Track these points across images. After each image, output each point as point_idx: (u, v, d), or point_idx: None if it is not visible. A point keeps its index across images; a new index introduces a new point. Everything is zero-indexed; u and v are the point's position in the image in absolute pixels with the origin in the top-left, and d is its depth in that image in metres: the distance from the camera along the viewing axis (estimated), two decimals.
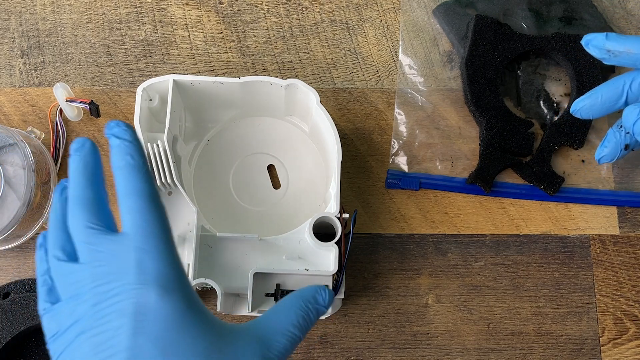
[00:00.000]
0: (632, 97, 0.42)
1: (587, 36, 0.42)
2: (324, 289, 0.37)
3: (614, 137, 0.43)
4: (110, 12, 0.56)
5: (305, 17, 0.56)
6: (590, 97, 0.43)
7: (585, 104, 0.43)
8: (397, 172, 0.53)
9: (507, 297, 0.51)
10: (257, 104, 0.50)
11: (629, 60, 0.41)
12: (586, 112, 0.43)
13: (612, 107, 0.42)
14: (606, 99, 0.42)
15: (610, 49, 0.41)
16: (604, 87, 0.42)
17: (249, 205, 0.51)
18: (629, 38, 0.41)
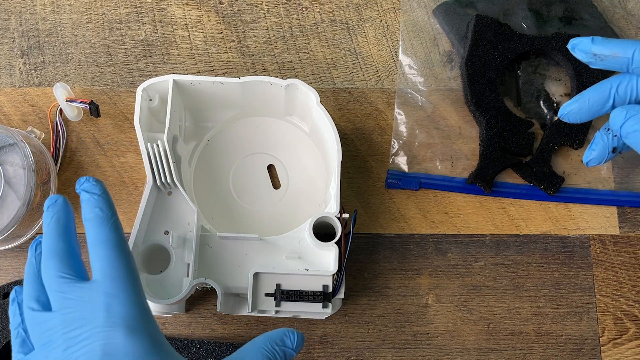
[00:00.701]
0: (619, 100, 0.42)
1: (573, 40, 0.42)
2: (293, 332, 0.38)
3: (601, 140, 0.43)
4: (110, 12, 0.56)
5: (305, 17, 0.56)
6: (577, 101, 0.42)
7: (573, 108, 0.43)
8: (397, 172, 0.53)
9: (507, 297, 0.51)
10: (257, 104, 0.50)
11: (615, 64, 0.41)
12: (574, 117, 0.43)
13: (599, 110, 0.42)
14: (593, 103, 0.42)
15: (596, 53, 0.41)
16: (591, 91, 0.42)
17: (249, 205, 0.51)
18: (615, 41, 0.41)
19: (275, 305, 0.44)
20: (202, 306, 0.50)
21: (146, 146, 0.45)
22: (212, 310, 0.50)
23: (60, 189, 0.52)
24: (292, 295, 0.44)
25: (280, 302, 0.44)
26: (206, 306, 0.50)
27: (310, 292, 0.44)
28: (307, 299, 0.44)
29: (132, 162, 0.53)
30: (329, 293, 0.44)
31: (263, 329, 0.50)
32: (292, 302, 0.44)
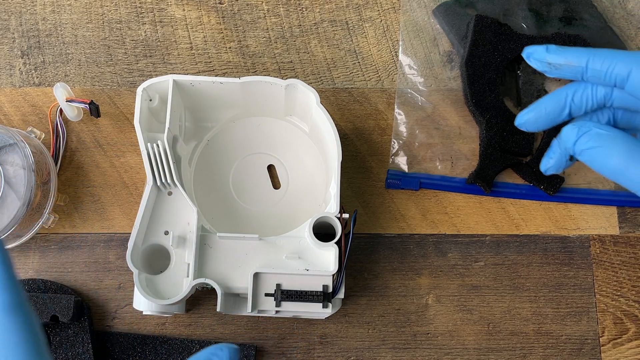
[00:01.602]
0: (575, 109, 0.41)
1: (527, 49, 0.41)
2: (222, 348, 0.35)
3: (558, 149, 0.42)
4: (110, 12, 0.56)
5: (305, 17, 0.56)
6: (534, 110, 0.42)
7: (530, 117, 0.42)
8: (397, 172, 0.53)
9: (507, 297, 0.51)
10: (257, 104, 0.50)
11: (570, 73, 0.41)
12: (531, 126, 0.42)
13: (555, 119, 0.42)
14: (550, 112, 0.42)
15: (550, 62, 0.41)
16: (547, 100, 0.42)
17: (249, 205, 0.51)
18: (569, 50, 0.40)
19: (275, 305, 0.44)
20: (202, 306, 0.50)
21: (146, 146, 0.45)
22: (212, 310, 0.50)
23: (61, 189, 0.52)
24: (292, 295, 0.44)
25: (280, 302, 0.44)
26: (206, 306, 0.50)
27: (310, 292, 0.44)
28: (307, 299, 0.44)
29: (132, 162, 0.53)
30: (329, 293, 0.44)
31: (263, 329, 0.50)
32: (292, 302, 0.44)
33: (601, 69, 0.39)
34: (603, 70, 0.39)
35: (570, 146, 0.40)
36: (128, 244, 0.44)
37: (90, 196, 0.52)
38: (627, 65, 0.39)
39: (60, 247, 0.51)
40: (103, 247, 0.51)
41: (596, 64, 0.40)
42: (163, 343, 0.49)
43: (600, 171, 0.39)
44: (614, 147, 0.38)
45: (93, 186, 0.52)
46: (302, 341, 0.50)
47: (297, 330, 0.50)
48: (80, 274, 0.51)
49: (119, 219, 0.52)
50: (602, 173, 0.39)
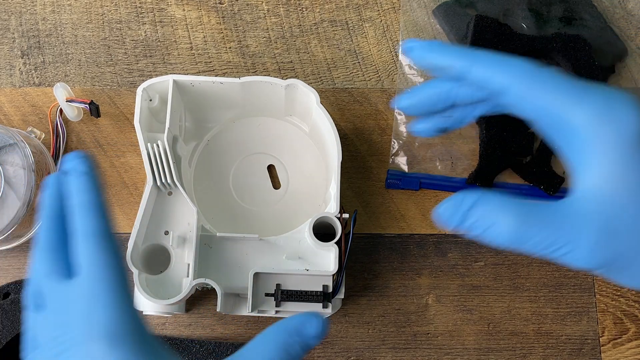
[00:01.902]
0: (453, 102, 0.39)
1: (409, 42, 0.38)
2: (315, 317, 0.33)
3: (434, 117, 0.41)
4: (110, 12, 0.56)
5: (305, 17, 0.56)
6: (412, 97, 0.40)
7: (407, 103, 0.40)
8: (397, 172, 0.53)
9: (507, 297, 0.51)
10: (257, 104, 0.50)
11: (451, 75, 0.38)
12: (407, 111, 0.41)
13: (432, 109, 0.40)
14: (427, 103, 0.40)
15: (431, 62, 0.38)
16: (426, 90, 0.39)
17: (249, 205, 0.51)
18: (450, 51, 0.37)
19: (275, 305, 0.44)
20: (202, 306, 0.50)
21: (146, 146, 0.45)
22: (212, 310, 0.50)
23: None
24: (292, 296, 0.44)
25: (280, 302, 0.44)
26: (206, 306, 0.50)
27: (310, 292, 0.44)
28: (307, 299, 0.44)
29: (132, 162, 0.53)
30: (329, 293, 0.44)
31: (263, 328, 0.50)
32: (292, 302, 0.44)
33: (482, 77, 0.37)
34: (484, 79, 0.36)
35: (452, 227, 0.36)
36: (128, 244, 0.44)
37: None
38: (506, 79, 0.36)
39: None
40: None
41: (477, 72, 0.37)
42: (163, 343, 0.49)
43: (495, 244, 0.36)
44: (503, 221, 0.35)
45: None
46: None
47: None
48: None
49: (119, 219, 0.52)
50: (497, 245, 0.36)
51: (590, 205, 0.35)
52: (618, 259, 0.36)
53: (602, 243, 0.35)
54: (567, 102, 0.36)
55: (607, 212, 0.35)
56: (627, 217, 0.35)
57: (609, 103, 0.35)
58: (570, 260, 0.36)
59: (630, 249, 0.35)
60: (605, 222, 0.35)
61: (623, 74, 0.54)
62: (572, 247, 0.35)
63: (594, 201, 0.35)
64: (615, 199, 0.35)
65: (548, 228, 0.35)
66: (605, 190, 0.35)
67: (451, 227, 0.36)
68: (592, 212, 0.35)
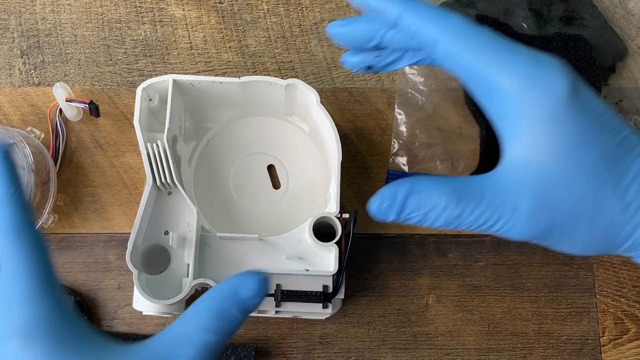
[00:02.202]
0: (385, 43, 0.37)
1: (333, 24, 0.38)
2: (250, 275, 0.31)
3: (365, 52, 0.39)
4: (110, 12, 0.56)
5: (305, 17, 0.56)
6: (345, 27, 0.38)
7: (340, 32, 0.38)
8: (397, 172, 0.52)
9: (507, 297, 0.51)
10: (257, 104, 0.50)
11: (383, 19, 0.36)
12: (339, 39, 0.38)
13: (363, 45, 0.38)
14: (359, 37, 0.38)
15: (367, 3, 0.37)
16: (361, 24, 0.38)
17: (249, 205, 0.51)
18: None
19: (275, 305, 0.44)
20: None
21: (146, 146, 0.45)
22: None
23: (60, 189, 0.52)
24: (292, 296, 0.44)
25: (280, 302, 0.44)
26: None
27: (310, 292, 0.44)
28: (307, 299, 0.44)
29: (132, 162, 0.53)
30: (329, 293, 0.44)
31: (263, 329, 0.50)
32: (292, 302, 0.44)
33: (411, 27, 0.35)
34: (412, 30, 0.35)
35: (391, 220, 0.36)
36: (128, 244, 0.44)
37: (89, 196, 0.52)
38: (435, 32, 0.35)
39: (59, 247, 0.51)
40: (103, 247, 0.51)
41: (407, 21, 0.35)
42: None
43: (435, 227, 0.36)
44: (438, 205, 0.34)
45: (93, 186, 0.52)
46: (302, 341, 0.50)
47: (297, 330, 0.50)
48: (80, 274, 0.50)
49: (119, 219, 0.51)
50: (438, 228, 0.36)
51: (520, 177, 0.34)
52: (552, 229, 0.34)
53: (535, 214, 0.34)
54: (495, 63, 0.34)
55: (537, 182, 0.34)
56: (557, 186, 0.33)
57: (537, 67, 0.34)
58: (507, 234, 0.35)
59: (564, 218, 0.34)
60: (536, 193, 0.33)
61: (624, 73, 0.54)
62: (505, 221, 0.34)
63: (523, 171, 0.34)
64: (544, 168, 0.33)
65: (481, 204, 0.34)
66: (534, 159, 0.34)
67: (389, 221, 0.36)
68: (522, 183, 0.34)
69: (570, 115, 0.33)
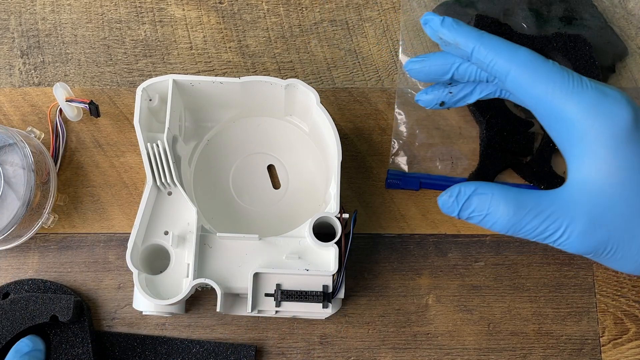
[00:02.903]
0: (458, 77, 0.42)
1: (426, 15, 0.41)
2: None
3: (437, 90, 0.43)
4: (110, 12, 0.56)
5: (305, 17, 0.56)
6: (421, 62, 0.43)
7: (415, 68, 0.43)
8: (397, 172, 0.52)
9: (507, 297, 0.51)
10: (257, 104, 0.50)
11: (458, 52, 0.41)
12: (415, 74, 0.43)
13: (437, 79, 0.43)
14: (434, 71, 0.42)
15: (442, 37, 0.41)
16: (436, 59, 0.42)
17: (249, 205, 0.51)
18: (461, 31, 0.40)
19: (275, 305, 0.44)
20: (201, 306, 0.50)
21: (146, 146, 0.45)
22: (212, 310, 0.50)
23: (60, 189, 0.52)
24: (292, 295, 0.44)
25: (280, 302, 0.44)
26: (206, 306, 0.50)
27: (310, 292, 0.44)
28: (307, 299, 0.44)
29: (132, 162, 0.53)
30: (329, 293, 0.44)
31: (263, 329, 0.50)
32: (292, 302, 0.44)
33: (484, 60, 0.39)
34: (485, 62, 0.39)
35: (454, 215, 0.40)
36: (128, 244, 0.44)
37: (90, 196, 0.52)
38: (506, 64, 0.39)
39: (59, 247, 0.51)
40: (103, 247, 0.51)
41: (480, 54, 0.39)
42: (163, 343, 0.49)
43: (494, 230, 0.39)
44: (498, 210, 0.38)
45: (93, 186, 0.52)
46: (302, 341, 0.50)
47: (297, 330, 0.50)
48: (80, 274, 0.50)
49: (119, 219, 0.52)
50: (496, 232, 0.39)
51: (581, 195, 0.38)
52: (606, 246, 0.38)
53: (590, 231, 0.37)
54: (563, 93, 0.38)
55: (596, 202, 0.37)
56: (615, 207, 0.37)
57: (602, 98, 0.37)
58: (562, 246, 0.39)
59: (618, 237, 0.37)
60: (594, 212, 0.37)
61: (623, 73, 0.54)
62: (562, 233, 0.38)
63: (584, 191, 0.38)
64: (604, 190, 0.37)
65: (540, 216, 0.38)
66: (596, 181, 0.37)
67: (454, 216, 0.40)
68: (583, 201, 0.37)
69: (632, 142, 0.37)
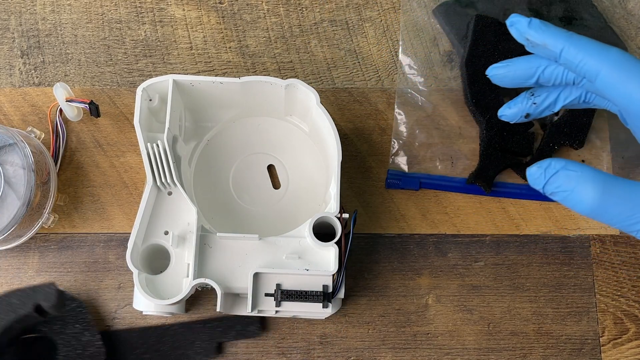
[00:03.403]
0: (543, 80, 0.42)
1: (513, 17, 0.41)
2: None
3: (520, 102, 0.44)
4: (110, 12, 0.56)
5: (305, 17, 0.56)
6: (505, 67, 0.43)
7: (500, 73, 0.43)
8: (397, 172, 0.53)
9: (507, 297, 0.51)
10: (257, 104, 0.50)
11: (545, 53, 0.41)
12: (498, 80, 0.44)
13: (523, 83, 0.43)
14: (519, 75, 0.43)
15: (529, 38, 0.41)
16: (520, 63, 0.43)
17: (249, 205, 0.51)
18: (549, 32, 0.40)
19: (275, 305, 0.44)
20: (202, 306, 0.50)
21: (146, 146, 0.45)
22: (212, 310, 0.50)
23: (60, 189, 0.52)
24: (292, 295, 0.44)
25: (280, 302, 0.44)
26: (206, 306, 0.50)
27: (310, 292, 0.44)
28: (307, 299, 0.44)
29: (132, 162, 0.53)
30: (329, 293, 0.44)
31: (262, 328, 0.50)
32: (292, 302, 0.44)
33: (573, 60, 0.39)
34: (575, 62, 0.39)
35: (539, 188, 0.39)
36: (128, 244, 0.44)
37: (90, 196, 0.52)
38: (597, 63, 0.39)
39: (60, 247, 0.51)
40: (103, 247, 0.51)
41: (570, 54, 0.39)
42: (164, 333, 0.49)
43: (577, 211, 0.38)
44: (585, 190, 0.37)
45: (93, 186, 0.52)
46: (302, 341, 0.50)
47: (297, 330, 0.50)
48: (80, 274, 0.51)
49: (119, 219, 0.52)
50: (579, 213, 0.38)
51: None
52: None
53: None
54: None
55: None
56: None
57: None
58: None
59: None
60: None
61: None
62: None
63: None
64: None
65: (626, 204, 0.37)
66: None
67: (538, 189, 0.39)
68: None
69: None
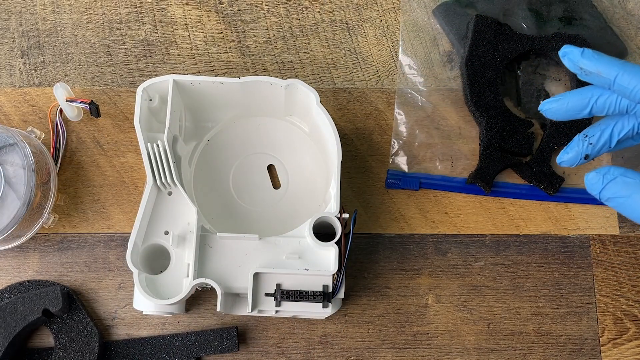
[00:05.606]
0: (596, 110, 0.43)
1: (565, 47, 0.42)
2: None
3: (577, 145, 0.44)
4: (110, 12, 0.56)
5: (305, 17, 0.56)
6: (558, 101, 0.44)
7: (553, 107, 0.44)
8: (397, 172, 0.53)
9: (507, 297, 0.51)
10: (257, 104, 0.50)
11: (599, 81, 0.42)
12: (552, 114, 0.44)
13: (576, 115, 0.43)
14: (572, 107, 0.43)
15: (582, 67, 0.42)
16: (573, 95, 0.43)
17: (249, 205, 0.51)
18: (602, 60, 0.41)
19: (275, 305, 0.44)
20: (202, 306, 0.50)
21: (146, 146, 0.45)
22: (212, 310, 0.50)
23: (61, 189, 0.52)
24: (292, 295, 0.44)
25: (280, 302, 0.44)
26: (206, 306, 0.50)
27: (310, 292, 0.44)
28: (307, 299, 0.44)
29: (132, 162, 0.53)
30: (329, 293, 0.44)
31: (263, 328, 0.50)
32: (292, 302, 0.44)
33: (628, 86, 0.40)
34: (630, 88, 0.40)
35: (595, 194, 0.41)
36: (128, 244, 0.44)
37: (90, 196, 0.52)
38: None
39: (60, 247, 0.51)
40: (103, 247, 0.51)
41: (624, 81, 0.40)
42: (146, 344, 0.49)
43: (632, 218, 0.40)
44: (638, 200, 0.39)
45: (93, 186, 0.52)
46: (302, 341, 0.50)
47: (297, 330, 0.50)
48: (80, 273, 0.51)
49: (119, 218, 0.52)
50: (634, 220, 0.40)
51: None
52: None
53: None
54: None
55: None
56: None
57: None
58: None
59: None
60: None
61: None
62: None
63: None
64: None
65: None
66: None
67: (594, 195, 0.41)
68: None
69: None
